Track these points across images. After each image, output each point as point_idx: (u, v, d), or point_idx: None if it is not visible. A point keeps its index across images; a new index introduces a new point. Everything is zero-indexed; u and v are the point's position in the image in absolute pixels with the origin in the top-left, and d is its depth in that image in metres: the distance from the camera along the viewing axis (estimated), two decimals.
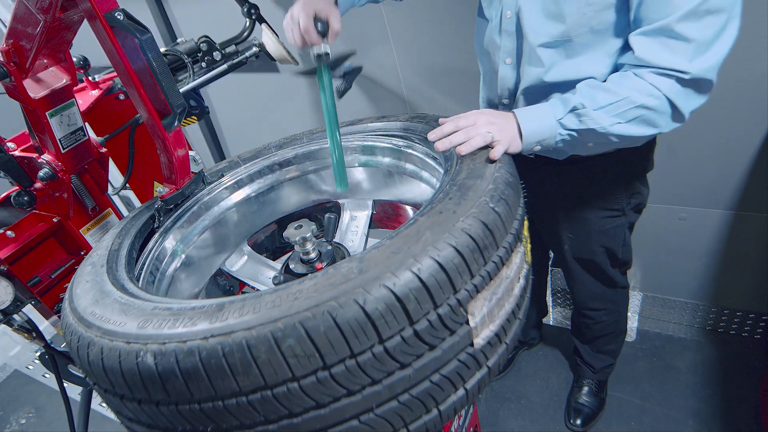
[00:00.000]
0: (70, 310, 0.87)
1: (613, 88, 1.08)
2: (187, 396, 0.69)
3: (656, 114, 1.07)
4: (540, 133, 1.11)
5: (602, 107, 1.07)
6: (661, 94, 1.05)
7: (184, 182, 1.24)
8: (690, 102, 1.07)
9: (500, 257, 0.80)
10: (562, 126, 1.10)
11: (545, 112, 1.11)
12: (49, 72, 1.26)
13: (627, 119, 1.07)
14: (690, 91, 1.05)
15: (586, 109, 1.07)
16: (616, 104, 1.06)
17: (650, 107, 1.06)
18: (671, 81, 1.04)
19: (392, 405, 0.72)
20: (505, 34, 1.32)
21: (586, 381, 2.22)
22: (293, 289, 0.70)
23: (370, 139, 1.38)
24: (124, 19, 0.95)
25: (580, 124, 1.09)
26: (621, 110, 1.07)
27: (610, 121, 1.07)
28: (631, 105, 1.06)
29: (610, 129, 1.08)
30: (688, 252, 2.20)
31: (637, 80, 1.07)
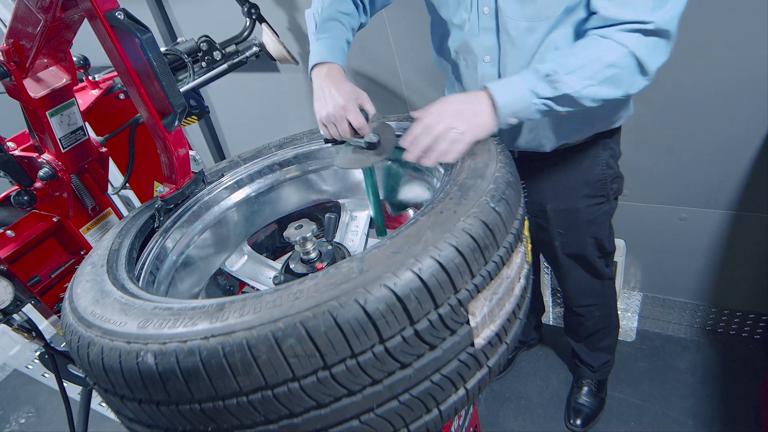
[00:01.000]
0: (70, 309, 0.87)
1: (583, 51, 1.09)
2: (187, 396, 0.68)
3: (624, 72, 1.08)
4: (514, 105, 1.10)
5: (573, 71, 1.07)
6: (626, 51, 1.06)
7: (185, 182, 1.24)
8: (654, 56, 1.08)
9: (501, 257, 0.80)
10: (536, 95, 1.09)
11: (518, 83, 1.10)
12: (50, 71, 1.26)
13: (598, 80, 1.07)
14: (653, 43, 1.07)
15: (558, 74, 1.07)
16: (587, 66, 1.07)
17: (618, 65, 1.07)
18: (636, 35, 1.06)
19: (393, 405, 0.72)
20: (484, 31, 1.31)
21: (586, 381, 2.22)
22: (294, 288, 0.70)
23: None
24: (124, 19, 0.95)
25: (554, 91, 1.08)
26: (592, 71, 1.07)
27: (582, 84, 1.07)
28: (601, 65, 1.06)
29: (583, 92, 1.08)
30: (688, 252, 2.20)
31: (604, 41, 1.08)
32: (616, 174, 1.60)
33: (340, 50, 1.37)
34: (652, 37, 1.06)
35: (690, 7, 1.59)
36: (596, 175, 1.56)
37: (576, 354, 2.20)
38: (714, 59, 1.67)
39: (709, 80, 1.72)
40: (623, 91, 1.11)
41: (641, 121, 1.90)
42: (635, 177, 2.08)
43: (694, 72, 1.73)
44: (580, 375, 2.24)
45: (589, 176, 1.56)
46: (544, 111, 1.11)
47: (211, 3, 2.46)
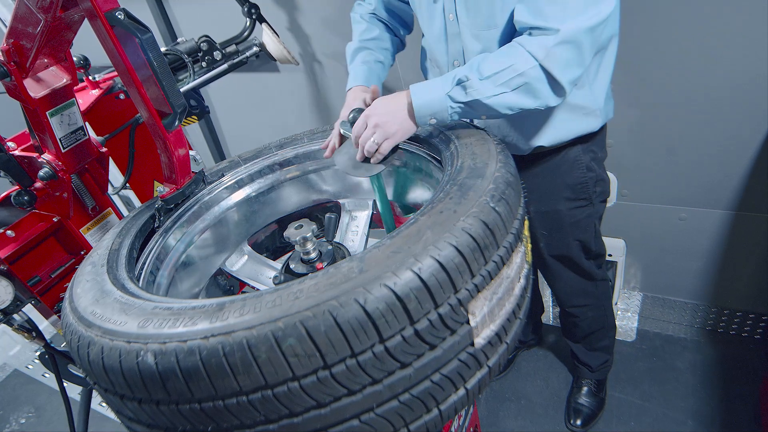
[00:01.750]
0: (70, 309, 0.87)
1: (500, 57, 1.10)
2: (187, 395, 0.69)
3: (534, 82, 1.08)
4: (431, 107, 1.13)
5: (488, 77, 1.08)
6: (535, 62, 1.06)
7: (185, 182, 1.24)
8: (564, 69, 1.07)
9: (501, 257, 0.80)
10: (450, 99, 1.11)
11: (437, 86, 1.13)
12: (50, 71, 1.26)
13: (512, 88, 1.08)
14: (561, 55, 1.06)
15: (470, 80, 1.08)
16: (500, 73, 1.07)
17: (527, 75, 1.07)
18: (542, 44, 1.06)
19: (393, 404, 0.72)
20: (453, 36, 1.36)
21: (585, 381, 2.22)
22: (294, 288, 0.70)
23: None
24: (124, 19, 0.95)
25: (466, 96, 1.10)
26: (505, 79, 1.07)
27: (494, 91, 1.08)
28: (514, 73, 1.07)
29: (496, 99, 1.09)
30: (688, 252, 2.20)
31: (519, 48, 1.08)
32: (599, 177, 1.59)
33: (364, 73, 1.50)
34: (560, 47, 1.05)
35: (690, 7, 1.60)
36: (576, 178, 1.56)
37: (574, 354, 2.20)
38: (714, 59, 1.67)
39: (709, 80, 1.72)
40: (540, 101, 1.11)
41: (641, 121, 1.90)
42: (635, 177, 2.08)
43: (694, 72, 1.73)
44: (579, 375, 2.24)
45: (569, 179, 1.56)
46: (462, 114, 1.14)
47: (211, 3, 2.46)
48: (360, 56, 1.54)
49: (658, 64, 1.77)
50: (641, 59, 1.76)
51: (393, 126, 1.16)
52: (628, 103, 1.49)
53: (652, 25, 1.69)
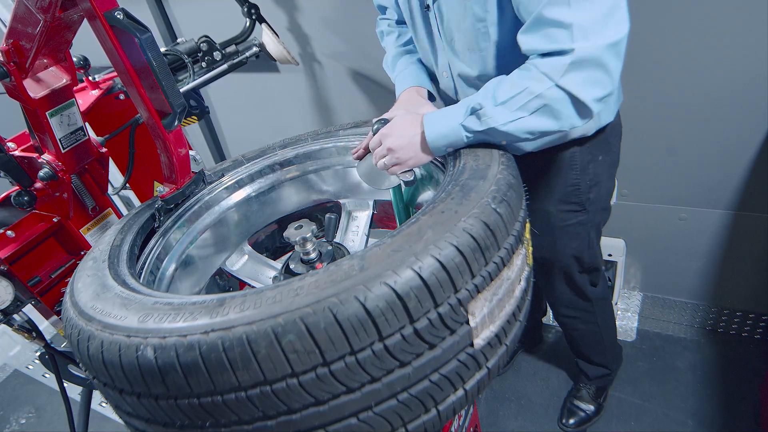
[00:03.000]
0: (71, 304, 0.87)
1: (515, 80, 1.06)
2: (186, 390, 0.69)
3: (554, 103, 1.02)
4: (446, 138, 1.09)
5: (503, 102, 1.04)
6: (550, 82, 1.01)
7: (185, 182, 1.24)
8: (586, 88, 1.01)
9: (501, 258, 0.80)
10: (465, 129, 1.07)
11: (451, 116, 1.10)
12: (49, 72, 1.26)
13: (530, 111, 1.03)
14: (580, 74, 1.00)
15: (484, 108, 1.04)
16: (516, 97, 1.03)
17: (546, 97, 1.02)
18: (556, 64, 1.01)
19: (391, 404, 0.72)
20: (440, 50, 1.35)
21: (583, 385, 2.21)
22: (294, 285, 0.70)
23: None
24: (124, 19, 0.95)
25: (481, 125, 1.05)
26: (522, 103, 1.03)
27: (511, 117, 1.04)
28: (530, 96, 1.02)
29: (513, 125, 1.04)
30: (688, 252, 2.20)
31: (533, 70, 1.04)
32: (596, 182, 1.53)
33: (412, 74, 1.45)
34: (576, 66, 1.00)
35: (690, 7, 1.60)
36: (569, 180, 1.51)
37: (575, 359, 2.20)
38: (714, 59, 1.67)
39: (709, 80, 1.72)
40: (563, 122, 1.05)
41: (641, 121, 1.90)
42: (635, 177, 2.08)
43: (694, 72, 1.73)
44: (579, 378, 2.23)
45: (560, 181, 1.52)
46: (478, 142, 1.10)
47: (211, 3, 2.46)
48: (401, 62, 1.50)
49: (658, 64, 1.77)
50: (641, 59, 1.76)
51: (406, 154, 1.13)
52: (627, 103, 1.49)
53: (653, 25, 1.69)
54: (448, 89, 1.44)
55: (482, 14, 1.17)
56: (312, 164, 1.48)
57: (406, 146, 1.13)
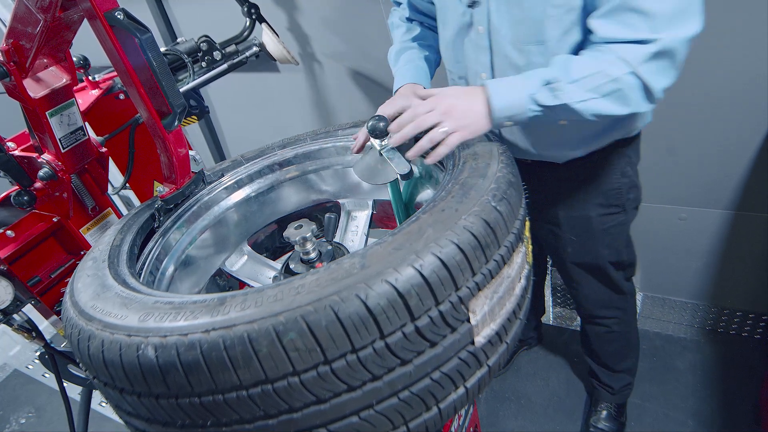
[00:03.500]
0: (71, 303, 0.87)
1: (588, 61, 1.04)
2: (187, 389, 0.69)
3: (628, 89, 1.03)
4: (510, 108, 1.05)
5: (576, 80, 1.02)
6: (628, 68, 1.00)
7: (184, 182, 1.24)
8: (658, 78, 1.02)
9: (502, 256, 0.80)
10: (535, 102, 1.04)
11: (519, 86, 1.06)
12: (49, 71, 1.26)
13: (602, 94, 1.02)
14: (657, 64, 1.01)
15: (560, 82, 1.02)
16: (590, 77, 1.02)
17: (621, 81, 1.01)
18: (638, 52, 1.00)
19: (392, 402, 0.72)
20: (480, 49, 1.29)
21: (605, 405, 2.13)
22: (295, 283, 0.71)
23: None
24: (124, 19, 0.95)
25: (554, 99, 1.03)
26: (595, 84, 1.02)
27: (584, 96, 1.02)
28: (605, 78, 1.01)
29: (584, 105, 1.03)
30: (688, 252, 2.20)
31: (609, 54, 1.02)
32: (633, 183, 1.53)
33: (411, 71, 1.41)
34: (656, 56, 1.00)
35: None
36: (610, 183, 1.49)
37: (594, 375, 2.11)
38: (714, 59, 1.67)
39: (710, 80, 1.72)
40: (630, 108, 1.05)
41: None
42: None
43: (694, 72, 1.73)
44: (599, 398, 2.14)
45: (602, 185, 1.49)
46: (541, 118, 1.07)
47: (211, 3, 2.46)
48: (404, 57, 1.47)
49: None
50: None
51: (467, 118, 1.05)
52: None
53: None
54: None
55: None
56: (311, 164, 1.48)
57: (467, 110, 1.05)
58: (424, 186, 1.33)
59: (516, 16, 1.18)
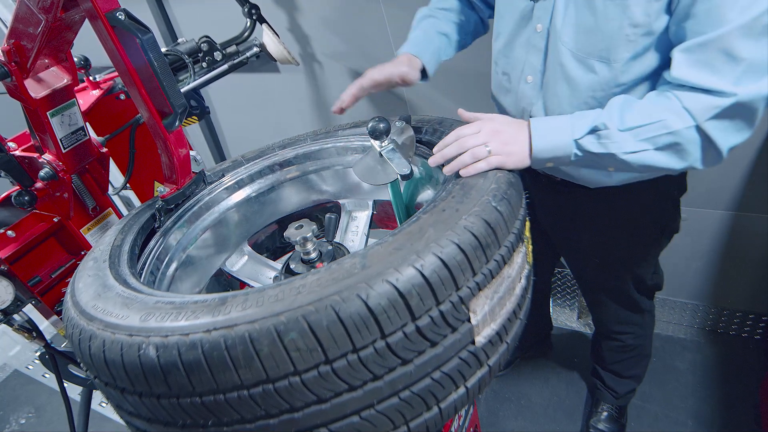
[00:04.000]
0: (72, 303, 0.88)
1: (648, 107, 0.95)
2: (188, 389, 0.69)
3: (688, 144, 0.93)
4: (553, 151, 0.99)
5: (630, 129, 0.93)
6: (693, 122, 0.90)
7: (185, 182, 1.24)
8: (727, 136, 0.91)
9: (502, 256, 0.80)
10: (578, 146, 0.98)
11: (563, 128, 0.99)
12: (50, 72, 1.26)
13: (657, 146, 0.94)
14: (729, 120, 0.90)
15: (609, 130, 0.94)
16: (647, 127, 0.93)
17: (681, 135, 0.92)
18: (709, 105, 0.89)
19: (393, 401, 0.73)
20: (533, 49, 1.18)
21: (606, 406, 2.11)
22: (296, 283, 0.71)
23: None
24: (125, 19, 0.95)
25: (600, 147, 0.96)
26: (651, 135, 0.93)
27: (636, 147, 0.94)
28: (663, 130, 0.92)
29: (634, 156, 0.95)
30: (688, 252, 2.20)
31: (674, 101, 0.93)
32: (672, 217, 1.43)
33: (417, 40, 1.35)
34: (730, 112, 0.89)
35: None
36: (645, 215, 1.40)
37: (599, 377, 2.08)
38: None
39: None
40: (686, 164, 0.95)
41: None
42: None
43: None
44: (601, 398, 2.12)
45: (637, 216, 1.40)
46: (584, 162, 1.01)
47: (211, 3, 2.46)
48: (423, 24, 1.38)
49: None
50: None
51: (511, 147, 0.98)
52: None
53: None
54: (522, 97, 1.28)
55: (642, 18, 0.97)
56: (312, 164, 1.48)
57: (512, 140, 0.99)
58: (424, 186, 1.33)
59: (584, 24, 1.05)
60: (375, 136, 1.13)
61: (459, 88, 2.17)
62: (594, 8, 1.02)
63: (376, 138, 1.14)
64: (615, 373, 2.02)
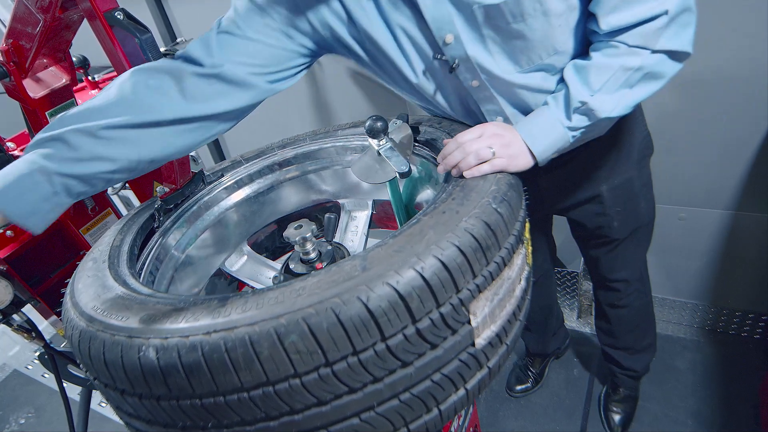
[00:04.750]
0: (71, 304, 0.87)
1: (602, 63, 0.98)
2: (188, 391, 0.69)
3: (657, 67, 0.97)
4: (554, 144, 1.02)
5: (600, 89, 0.98)
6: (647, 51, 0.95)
7: (184, 182, 1.24)
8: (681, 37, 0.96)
9: (502, 258, 0.80)
10: (571, 129, 1.01)
11: (551, 124, 1.02)
12: (49, 72, 1.26)
13: (632, 85, 0.98)
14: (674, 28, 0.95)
15: (588, 103, 0.98)
16: (613, 78, 0.97)
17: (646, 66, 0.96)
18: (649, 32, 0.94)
19: (393, 403, 0.73)
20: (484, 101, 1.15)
21: (623, 390, 2.13)
22: (296, 285, 0.71)
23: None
24: (124, 19, 0.95)
25: (591, 119, 1.00)
26: (621, 80, 0.97)
27: (616, 99, 0.98)
28: (629, 71, 0.97)
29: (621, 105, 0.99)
30: (688, 252, 2.20)
31: (620, 47, 0.97)
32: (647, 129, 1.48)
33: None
34: (672, 22, 0.94)
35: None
36: (639, 135, 1.43)
37: (615, 361, 2.05)
38: (714, 58, 1.67)
39: (709, 80, 1.72)
40: (666, 79, 1.00)
41: None
42: None
43: (693, 71, 1.73)
44: (618, 383, 2.13)
45: (634, 139, 1.42)
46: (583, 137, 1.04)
47: (211, 3, 2.46)
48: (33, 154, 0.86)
49: None
50: None
51: (513, 149, 1.00)
52: None
53: None
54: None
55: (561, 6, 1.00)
56: (311, 164, 1.48)
57: (511, 143, 1.01)
58: (424, 186, 1.33)
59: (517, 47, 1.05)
60: (372, 134, 1.13)
61: None
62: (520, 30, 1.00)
63: (374, 137, 1.14)
64: (628, 349, 1.98)
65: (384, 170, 1.16)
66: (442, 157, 1.03)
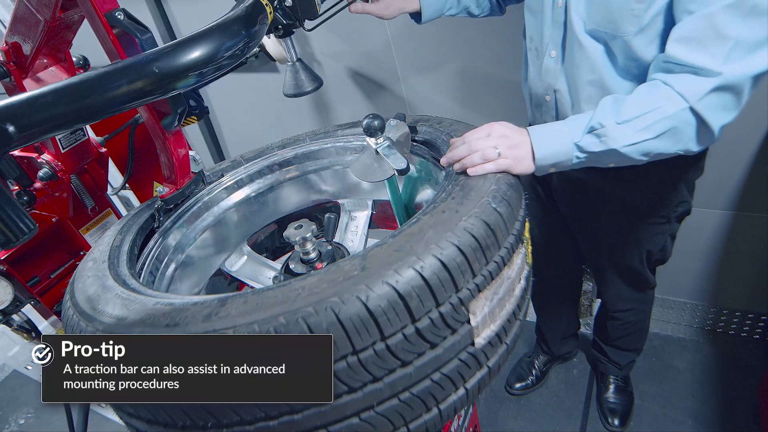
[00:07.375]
0: (71, 304, 0.87)
1: (641, 98, 0.98)
2: None
3: (683, 126, 0.96)
4: (556, 156, 1.01)
5: (627, 121, 0.96)
6: (685, 104, 0.93)
7: (184, 182, 1.24)
8: (718, 114, 0.94)
9: (502, 257, 0.80)
10: (579, 149, 0.99)
11: (562, 134, 1.01)
12: (49, 72, 1.26)
13: (656, 134, 0.96)
14: (718, 99, 0.93)
15: (606, 127, 0.97)
16: (645, 116, 0.95)
17: (676, 118, 0.95)
18: (697, 86, 0.92)
19: (393, 403, 0.73)
20: (555, 23, 1.22)
21: (612, 378, 2.18)
22: (296, 285, 0.71)
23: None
24: (124, 19, 0.95)
25: (600, 146, 0.98)
26: (648, 123, 0.95)
27: (634, 138, 0.96)
28: (660, 116, 0.94)
29: (635, 147, 0.97)
30: (688, 252, 2.19)
31: (664, 88, 0.96)
32: (683, 198, 1.46)
33: None
34: (718, 91, 0.92)
35: None
36: (658, 197, 1.43)
37: (603, 352, 2.13)
38: None
39: None
40: (682, 146, 0.98)
41: None
42: None
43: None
44: (605, 372, 2.18)
45: (649, 198, 1.43)
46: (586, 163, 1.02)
47: (210, 3, 2.46)
48: None
49: None
50: None
51: (518, 152, 1.00)
52: None
53: None
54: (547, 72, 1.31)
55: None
56: (311, 164, 1.48)
57: (518, 145, 1.00)
58: (423, 186, 1.33)
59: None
60: (370, 133, 1.13)
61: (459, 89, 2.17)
62: None
63: (371, 135, 1.14)
64: (618, 347, 2.07)
65: (382, 168, 1.16)
66: (450, 150, 1.04)
